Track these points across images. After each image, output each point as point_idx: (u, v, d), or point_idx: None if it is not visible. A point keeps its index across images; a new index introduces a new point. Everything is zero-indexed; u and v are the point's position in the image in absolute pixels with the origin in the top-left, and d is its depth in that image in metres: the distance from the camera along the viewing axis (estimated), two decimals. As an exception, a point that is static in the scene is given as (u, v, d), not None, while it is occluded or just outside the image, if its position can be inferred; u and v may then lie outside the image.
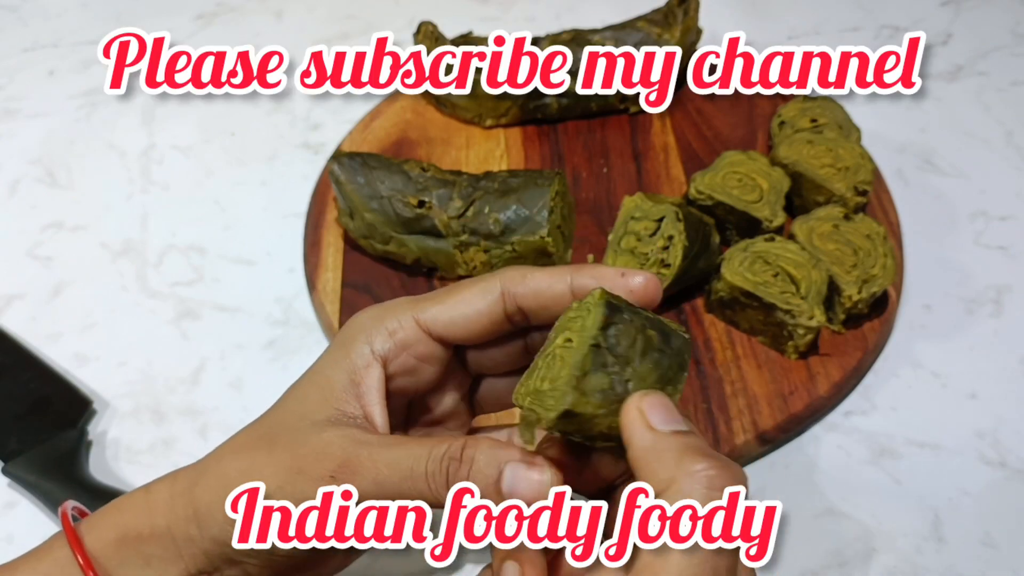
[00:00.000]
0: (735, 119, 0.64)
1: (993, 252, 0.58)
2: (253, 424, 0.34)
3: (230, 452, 0.33)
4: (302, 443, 0.31)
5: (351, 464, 0.30)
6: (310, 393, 0.33)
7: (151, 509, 0.33)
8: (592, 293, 0.30)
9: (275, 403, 0.34)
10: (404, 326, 0.33)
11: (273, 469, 0.31)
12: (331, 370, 0.33)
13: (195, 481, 0.33)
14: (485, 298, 0.33)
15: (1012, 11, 0.76)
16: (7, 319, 0.57)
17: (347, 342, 0.34)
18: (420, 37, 0.64)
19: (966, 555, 0.44)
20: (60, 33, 0.78)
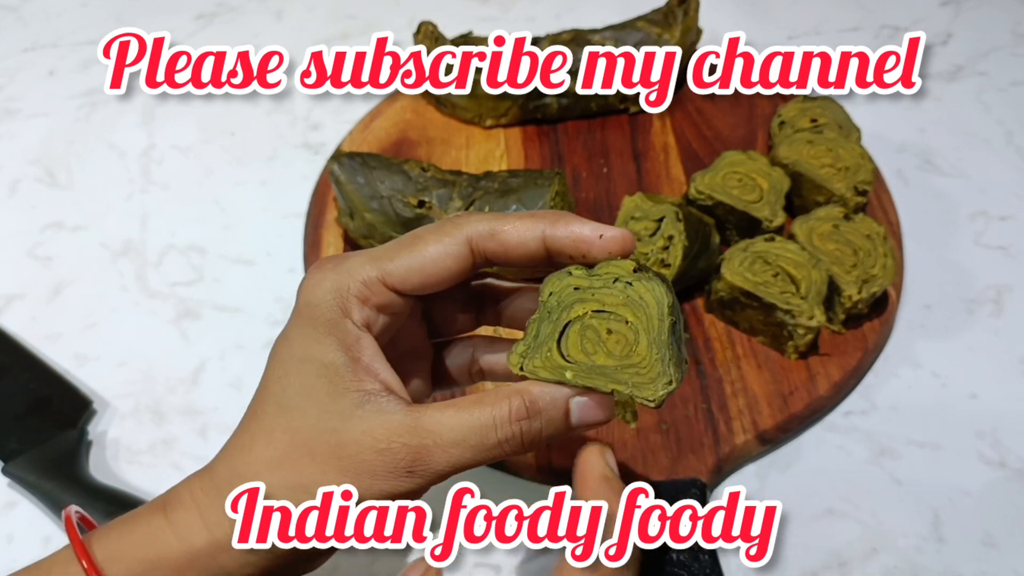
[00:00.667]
0: (735, 119, 0.64)
1: (993, 252, 0.58)
2: (263, 433, 0.31)
3: (264, 468, 0.30)
4: (346, 443, 0.29)
5: (422, 455, 0.29)
6: (316, 385, 0.31)
7: (181, 538, 0.31)
8: (616, 263, 0.31)
9: (271, 407, 0.31)
10: (374, 291, 0.32)
11: (334, 477, 0.29)
12: (323, 354, 0.31)
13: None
14: (451, 254, 0.32)
15: (1012, 11, 0.76)
16: (7, 319, 0.57)
17: (322, 319, 0.31)
18: (420, 37, 0.64)
19: (966, 555, 0.44)
20: (60, 33, 0.78)
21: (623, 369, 0.30)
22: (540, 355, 0.30)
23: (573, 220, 0.31)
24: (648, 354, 0.30)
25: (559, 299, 0.31)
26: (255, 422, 0.32)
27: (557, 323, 0.30)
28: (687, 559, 0.42)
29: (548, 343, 0.30)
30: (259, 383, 0.33)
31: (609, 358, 0.30)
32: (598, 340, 0.30)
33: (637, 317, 0.30)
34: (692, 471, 0.46)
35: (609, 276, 0.31)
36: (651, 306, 0.30)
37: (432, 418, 0.30)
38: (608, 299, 0.30)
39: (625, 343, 0.30)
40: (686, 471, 0.46)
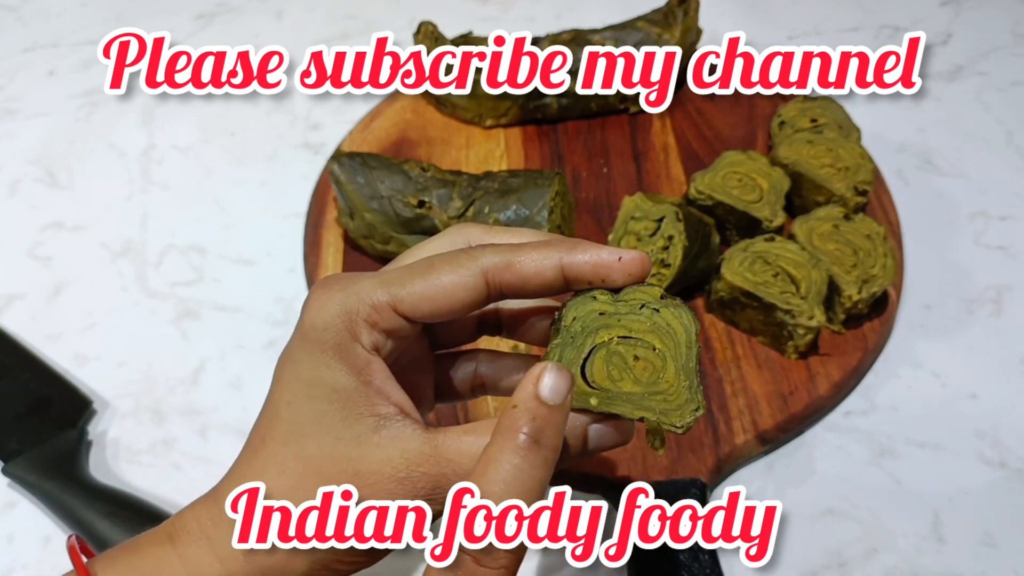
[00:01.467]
0: (735, 119, 0.64)
1: (993, 252, 0.58)
2: (275, 462, 0.30)
3: (278, 498, 0.30)
4: (364, 472, 0.29)
5: (441, 483, 0.29)
6: (328, 411, 0.30)
7: (191, 572, 0.30)
8: (642, 289, 0.30)
9: (281, 432, 0.30)
10: (383, 316, 0.30)
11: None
12: (334, 378, 0.30)
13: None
14: (466, 286, 0.30)
15: (1012, 11, 0.76)
16: (7, 319, 0.57)
17: (331, 343, 0.30)
18: (420, 37, 0.64)
19: (966, 555, 0.44)
20: (60, 33, 0.78)
21: (650, 396, 0.30)
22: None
23: (590, 246, 0.30)
24: (676, 381, 0.30)
25: (583, 324, 0.30)
26: (264, 449, 0.30)
27: (581, 348, 0.30)
28: (687, 559, 0.42)
29: (572, 368, 0.30)
30: (264, 405, 0.32)
31: (636, 385, 0.30)
32: (624, 367, 0.30)
33: (665, 344, 0.30)
34: (692, 471, 0.46)
35: (636, 302, 0.30)
36: (679, 333, 0.30)
37: (450, 446, 0.29)
38: (635, 325, 0.30)
39: (652, 370, 0.30)
40: (686, 471, 0.46)
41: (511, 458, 0.27)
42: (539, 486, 0.27)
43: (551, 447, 0.27)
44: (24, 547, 0.47)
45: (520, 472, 0.27)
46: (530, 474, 0.27)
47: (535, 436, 0.27)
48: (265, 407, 0.32)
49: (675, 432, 0.29)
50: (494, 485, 0.27)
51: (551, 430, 0.27)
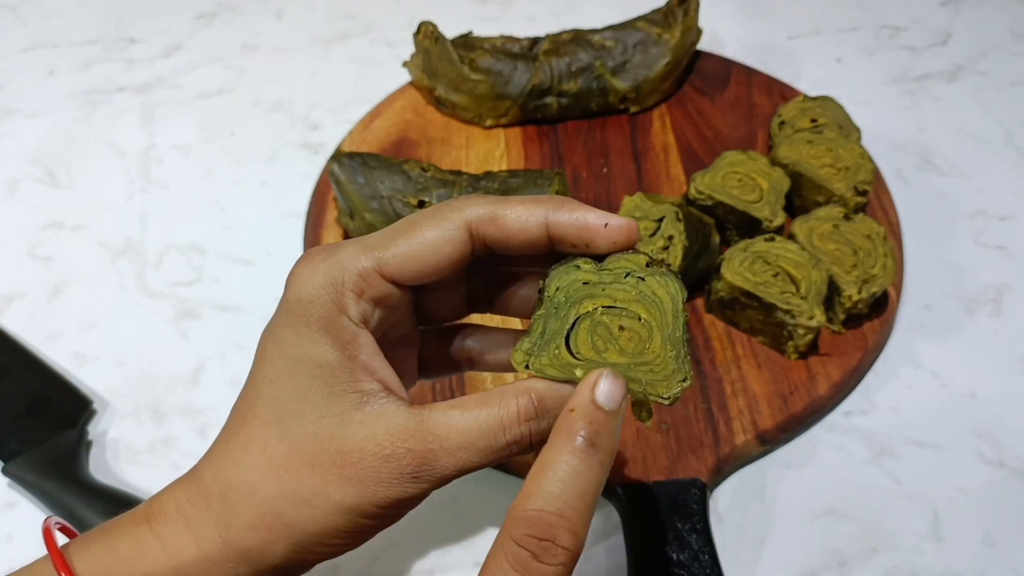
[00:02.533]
0: (735, 119, 0.64)
1: (993, 252, 0.58)
2: (256, 440, 0.29)
3: (259, 478, 0.29)
4: (348, 450, 0.28)
5: (428, 460, 0.28)
6: (311, 387, 0.29)
7: (168, 553, 0.29)
8: (627, 257, 0.30)
9: (264, 410, 0.30)
10: (370, 283, 0.30)
11: (336, 486, 0.28)
12: (318, 353, 0.29)
13: (227, 521, 0.29)
14: (450, 239, 0.30)
15: (1012, 11, 0.76)
16: (7, 319, 0.57)
17: (315, 316, 0.29)
18: (420, 37, 0.64)
19: (965, 555, 0.44)
20: (60, 33, 0.78)
21: (636, 367, 0.29)
22: (547, 352, 0.29)
23: (578, 206, 0.30)
24: (662, 351, 0.29)
25: (567, 294, 0.30)
26: (246, 428, 0.30)
27: (565, 319, 0.29)
28: (687, 559, 0.42)
29: (556, 340, 0.29)
30: (246, 384, 0.31)
31: (622, 355, 0.29)
32: (610, 337, 0.29)
33: (651, 313, 0.29)
34: (692, 471, 0.46)
35: (620, 271, 0.30)
36: (665, 302, 0.29)
37: (437, 421, 0.28)
38: (620, 295, 0.29)
39: (638, 340, 0.29)
40: (686, 471, 0.46)
41: (569, 459, 0.27)
42: (595, 487, 0.27)
43: (607, 450, 0.28)
44: (24, 547, 0.47)
45: (577, 473, 0.27)
46: (587, 476, 0.27)
47: (592, 439, 0.27)
48: (247, 385, 0.31)
49: (662, 403, 0.29)
50: (552, 484, 0.27)
51: (607, 434, 0.28)
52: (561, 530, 0.26)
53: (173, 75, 0.74)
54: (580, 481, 0.27)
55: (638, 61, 0.63)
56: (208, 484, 0.30)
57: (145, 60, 0.75)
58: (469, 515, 0.47)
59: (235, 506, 0.29)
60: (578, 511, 0.27)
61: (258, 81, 0.73)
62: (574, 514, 0.26)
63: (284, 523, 0.29)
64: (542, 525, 0.26)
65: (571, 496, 0.27)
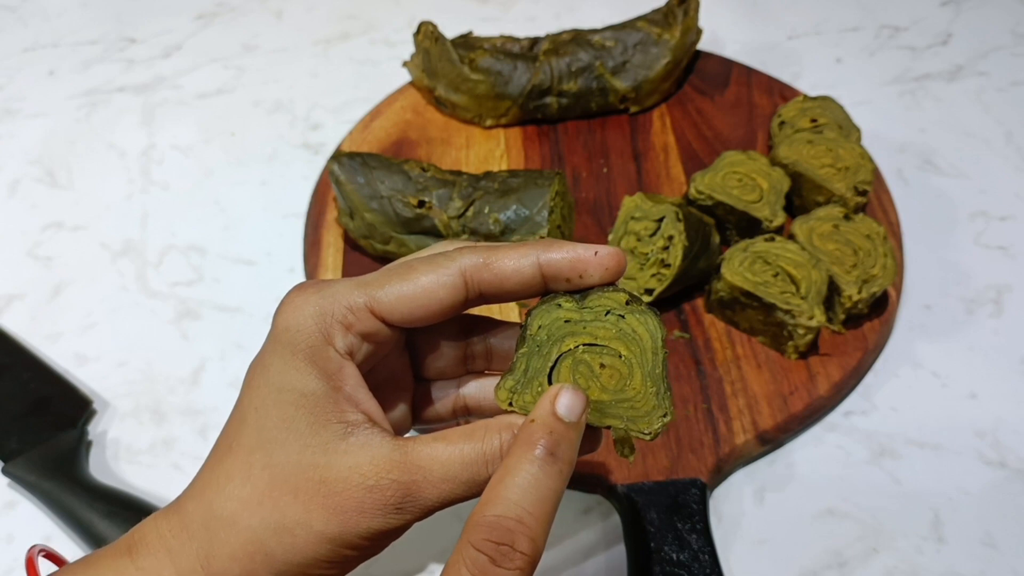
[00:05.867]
0: (735, 119, 0.64)
1: (993, 252, 0.58)
2: (240, 469, 0.29)
3: (242, 508, 0.28)
4: (331, 480, 0.28)
5: (412, 491, 0.28)
6: (296, 416, 0.29)
7: None
8: (607, 295, 0.30)
9: (247, 439, 0.29)
10: (359, 317, 0.30)
11: (319, 516, 0.28)
12: (303, 383, 0.29)
13: (209, 552, 0.29)
14: (445, 284, 0.30)
15: (1012, 11, 0.76)
16: (7, 319, 0.57)
17: (302, 345, 0.30)
18: (420, 37, 0.64)
19: (966, 555, 0.44)
20: (60, 33, 0.78)
21: (617, 404, 0.30)
22: (531, 390, 0.30)
23: (565, 243, 0.31)
24: (643, 388, 0.29)
25: (549, 332, 0.30)
26: (230, 457, 0.30)
27: (547, 357, 0.30)
28: (687, 559, 0.42)
29: (539, 378, 0.30)
30: (233, 412, 0.31)
31: (603, 393, 0.30)
32: (591, 374, 0.30)
33: (631, 351, 0.30)
34: (692, 471, 0.46)
35: (601, 308, 0.30)
36: (644, 339, 0.30)
37: (421, 452, 0.29)
38: (600, 332, 0.30)
39: (619, 377, 0.30)
40: (686, 471, 0.46)
41: (529, 467, 0.27)
42: (554, 495, 0.28)
43: (566, 460, 0.28)
44: (24, 547, 0.47)
45: (537, 481, 0.27)
46: (546, 484, 0.27)
47: (551, 449, 0.28)
48: (233, 414, 0.31)
49: (643, 439, 0.29)
50: (512, 491, 0.27)
51: (566, 444, 0.28)
52: (520, 535, 0.26)
53: (173, 75, 0.74)
54: (539, 488, 0.27)
55: (638, 61, 0.63)
56: (190, 514, 0.29)
57: (145, 60, 0.75)
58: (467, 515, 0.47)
59: (217, 535, 0.29)
60: (536, 517, 0.27)
61: (258, 81, 0.73)
62: (533, 520, 0.27)
63: (266, 553, 0.28)
64: (501, 530, 0.26)
65: (530, 503, 0.27)
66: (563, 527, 0.46)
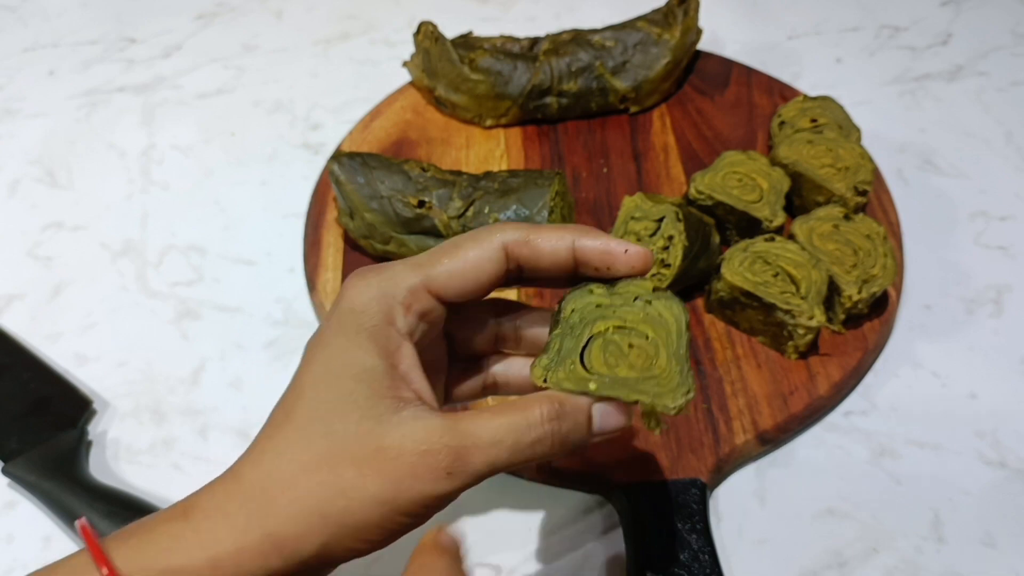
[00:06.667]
0: (735, 119, 0.64)
1: (993, 252, 0.58)
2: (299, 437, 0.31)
3: (301, 472, 0.30)
4: (387, 446, 0.30)
5: (462, 456, 0.30)
6: (355, 390, 0.31)
7: (205, 546, 0.30)
8: (636, 283, 0.33)
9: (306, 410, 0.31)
10: (417, 297, 0.33)
11: (375, 482, 0.30)
12: (364, 359, 0.31)
13: (266, 514, 0.30)
14: (490, 258, 0.33)
15: (1012, 11, 0.76)
16: (7, 319, 0.57)
17: (366, 325, 0.32)
18: (420, 37, 0.64)
19: (966, 555, 0.44)
20: (60, 33, 0.78)
21: (644, 381, 0.31)
22: (564, 368, 0.32)
23: (601, 233, 0.33)
24: (668, 367, 0.32)
25: (581, 316, 0.33)
26: (288, 426, 0.31)
27: (579, 338, 0.32)
28: (687, 559, 0.42)
29: (571, 356, 0.32)
30: (290, 386, 0.32)
31: (631, 370, 0.32)
32: (620, 354, 0.32)
33: (657, 333, 0.32)
34: (692, 471, 0.46)
35: (630, 295, 0.33)
36: (670, 323, 0.32)
37: (469, 422, 0.31)
38: (629, 316, 0.32)
39: (646, 357, 0.32)
40: (686, 471, 0.46)
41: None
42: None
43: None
44: (24, 547, 0.47)
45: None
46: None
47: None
48: (289, 390, 0.32)
49: (668, 413, 0.31)
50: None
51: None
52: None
53: (173, 75, 0.74)
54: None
55: (638, 61, 0.63)
56: (248, 480, 0.31)
57: (145, 60, 0.75)
58: (469, 516, 0.47)
59: (275, 499, 0.30)
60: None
61: (258, 81, 0.73)
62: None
63: (321, 515, 0.30)
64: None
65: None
66: (563, 527, 0.46)
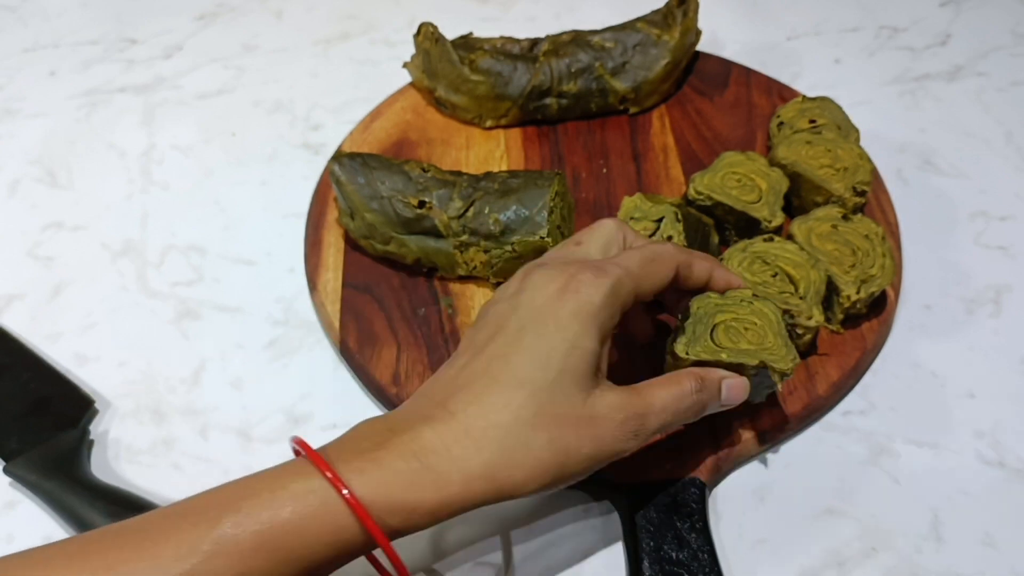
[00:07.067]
0: (734, 120, 0.64)
1: (992, 252, 0.58)
2: (527, 404, 0.35)
3: (531, 430, 0.35)
4: (597, 416, 0.37)
5: (644, 420, 0.38)
6: (578, 369, 0.36)
7: (439, 487, 0.34)
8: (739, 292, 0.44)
9: (530, 370, 0.36)
10: (629, 301, 0.40)
11: (588, 444, 0.36)
12: (591, 345, 0.37)
13: (499, 462, 0.34)
14: (669, 275, 0.42)
15: (1012, 11, 0.76)
16: (8, 319, 0.57)
17: (599, 318, 0.38)
18: (420, 38, 0.64)
19: (965, 555, 0.45)
20: (60, 33, 0.78)
21: (760, 351, 0.42)
22: (700, 344, 0.42)
23: (720, 266, 0.44)
24: (776, 342, 0.43)
25: (706, 311, 0.43)
26: (517, 390, 0.36)
27: (708, 325, 0.43)
28: (686, 558, 0.42)
29: (704, 336, 0.42)
30: (512, 334, 0.37)
31: (750, 344, 0.43)
32: (739, 334, 0.43)
33: (763, 321, 0.43)
34: (691, 470, 0.46)
35: (737, 298, 0.44)
36: (770, 315, 0.44)
37: (646, 393, 0.38)
38: (740, 311, 0.44)
39: (759, 336, 0.43)
40: (685, 470, 0.46)
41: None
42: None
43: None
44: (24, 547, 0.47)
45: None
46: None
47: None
48: (516, 336, 0.37)
49: (783, 371, 0.42)
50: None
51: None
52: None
53: (174, 75, 0.74)
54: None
55: (637, 62, 0.64)
56: (476, 427, 0.35)
57: (146, 61, 0.75)
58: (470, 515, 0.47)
59: (511, 453, 0.35)
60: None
61: (258, 81, 0.73)
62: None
63: (544, 469, 0.35)
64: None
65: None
66: (562, 526, 0.46)
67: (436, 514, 0.34)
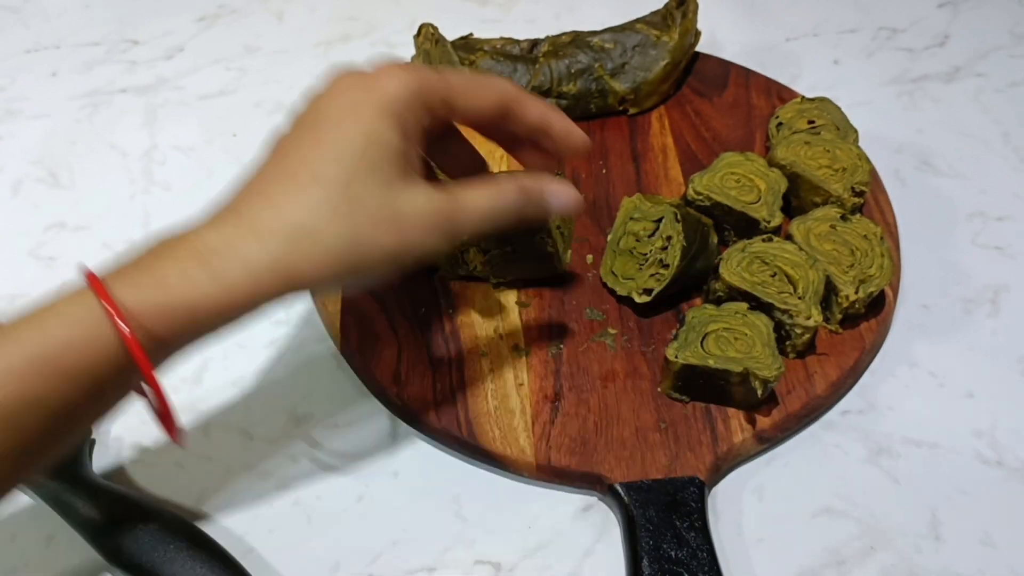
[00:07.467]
0: (733, 120, 0.65)
1: (991, 252, 0.58)
2: (324, 196, 0.35)
3: (326, 225, 0.34)
4: (402, 213, 0.36)
5: (453, 218, 0.37)
6: (381, 162, 0.35)
7: (222, 286, 0.33)
8: (735, 304, 0.48)
9: (329, 171, 0.35)
10: (438, 106, 0.38)
11: (390, 239, 0.36)
12: (392, 139, 0.36)
13: (288, 259, 0.34)
14: (495, 94, 0.40)
15: (1010, 12, 0.76)
16: (10, 319, 0.57)
17: (395, 109, 0.36)
18: (421, 39, 0.64)
19: (964, 554, 0.45)
20: (61, 34, 0.78)
21: (747, 359, 0.45)
22: (689, 349, 0.46)
23: (560, 114, 0.42)
24: (763, 352, 0.46)
25: (699, 320, 0.47)
26: (308, 182, 0.35)
27: (700, 333, 0.47)
28: (685, 557, 0.43)
29: (695, 343, 0.46)
30: (313, 143, 0.36)
31: (737, 352, 0.46)
32: (729, 342, 0.46)
33: (752, 332, 0.47)
34: (690, 469, 0.46)
35: (731, 310, 0.48)
36: (760, 327, 0.47)
37: (459, 192, 0.38)
38: (732, 322, 0.47)
39: (747, 345, 0.46)
40: (684, 469, 0.46)
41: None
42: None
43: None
44: (26, 546, 0.47)
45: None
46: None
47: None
48: (317, 146, 0.36)
49: (769, 380, 0.44)
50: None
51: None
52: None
53: (175, 76, 0.74)
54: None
55: (637, 63, 0.64)
56: (265, 224, 0.34)
57: (147, 62, 0.75)
58: (469, 515, 0.47)
59: (298, 244, 0.34)
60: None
61: (260, 82, 0.73)
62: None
63: (339, 260, 0.35)
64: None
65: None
66: (562, 526, 0.46)
67: (223, 313, 0.33)
